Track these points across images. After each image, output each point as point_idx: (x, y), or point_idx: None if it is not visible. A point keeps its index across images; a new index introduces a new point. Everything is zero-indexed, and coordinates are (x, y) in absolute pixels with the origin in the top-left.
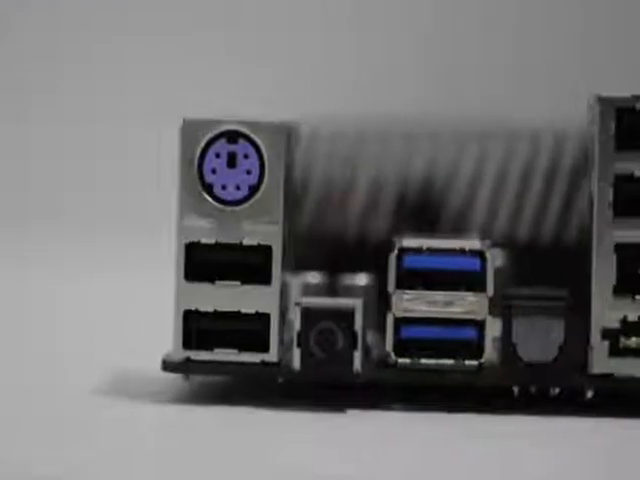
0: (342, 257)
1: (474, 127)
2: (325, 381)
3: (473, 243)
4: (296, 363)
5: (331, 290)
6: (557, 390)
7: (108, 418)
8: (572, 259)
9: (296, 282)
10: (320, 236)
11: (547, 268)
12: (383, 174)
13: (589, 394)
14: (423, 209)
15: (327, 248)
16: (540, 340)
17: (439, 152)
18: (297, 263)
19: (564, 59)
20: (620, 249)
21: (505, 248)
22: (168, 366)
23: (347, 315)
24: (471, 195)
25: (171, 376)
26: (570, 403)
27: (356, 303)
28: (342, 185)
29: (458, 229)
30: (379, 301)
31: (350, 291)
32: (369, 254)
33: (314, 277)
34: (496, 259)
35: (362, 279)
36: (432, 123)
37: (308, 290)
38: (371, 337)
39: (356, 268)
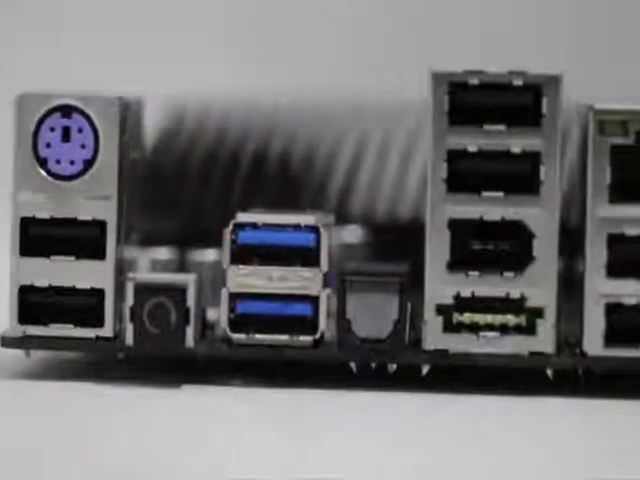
0: (195, 232)
1: (317, 102)
2: (158, 356)
3: (308, 219)
4: (129, 338)
5: (180, 266)
6: (394, 366)
7: None
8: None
9: (145, 258)
10: (173, 211)
11: (406, 244)
12: (243, 150)
13: (424, 370)
14: (281, 185)
15: (179, 223)
16: (374, 316)
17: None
18: (149, 238)
19: (402, 36)
20: (454, 225)
21: (363, 225)
22: (5, 342)
23: (180, 291)
24: (319, 170)
25: (10, 352)
26: (408, 379)
27: (189, 279)
28: (201, 160)
29: (316, 205)
30: None
31: (199, 267)
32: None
33: (163, 253)
34: (352, 235)
35: (211, 255)
36: (273, 97)
37: (156, 266)
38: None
39: (210, 243)
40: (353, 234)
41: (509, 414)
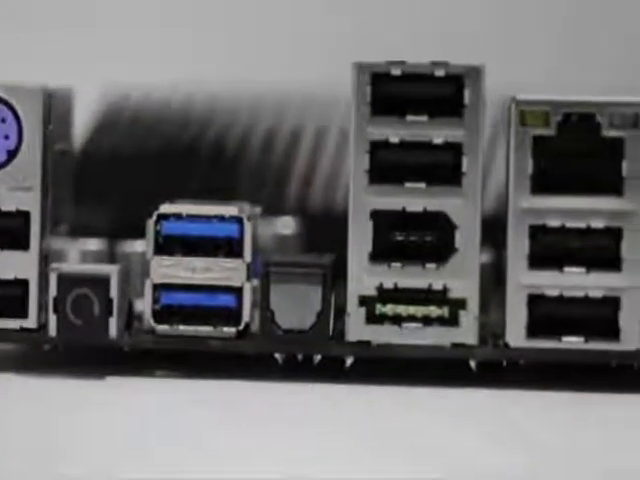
0: (126, 223)
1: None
2: (81, 347)
3: (231, 210)
4: (52, 329)
5: (110, 257)
6: (319, 357)
7: None
8: None
9: (74, 249)
10: (105, 202)
11: (339, 235)
12: (176, 141)
13: (349, 361)
14: (214, 177)
15: (110, 214)
16: (297, 307)
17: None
18: (80, 229)
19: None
20: (376, 216)
21: (297, 216)
22: None
23: (103, 282)
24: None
25: None
26: (332, 370)
27: (112, 270)
28: (133, 151)
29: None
30: None
31: (128, 258)
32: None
33: (93, 244)
34: (285, 227)
35: (140, 246)
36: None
37: (86, 257)
38: None
39: (141, 234)
40: (286, 225)
41: (433, 405)
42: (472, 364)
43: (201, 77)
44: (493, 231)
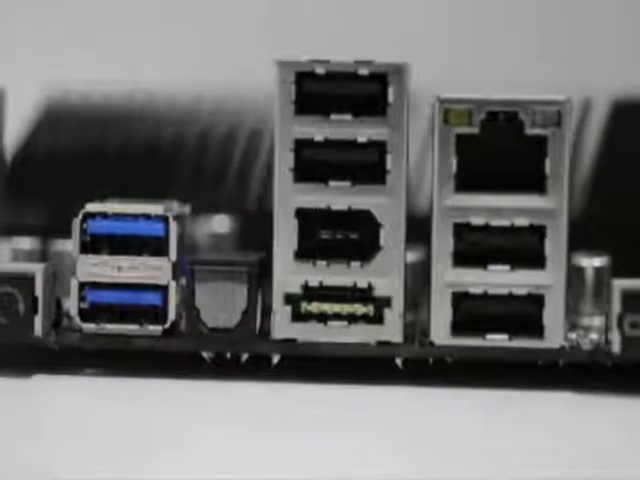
0: (59, 222)
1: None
2: (6, 346)
3: (157, 209)
4: None
5: (43, 255)
6: (245, 355)
7: None
8: None
9: (6, 247)
10: (38, 200)
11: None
12: (109, 140)
13: (275, 359)
14: (147, 176)
15: (43, 213)
16: (223, 306)
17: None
18: (13, 228)
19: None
20: (301, 214)
21: (233, 214)
22: None
23: (28, 280)
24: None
25: None
26: (259, 368)
27: (37, 268)
28: (67, 149)
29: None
30: None
31: (59, 256)
32: None
33: (25, 242)
34: (221, 225)
35: (71, 244)
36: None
37: (18, 255)
38: None
39: None
40: (221, 224)
41: (359, 403)
42: (398, 362)
43: (138, 77)
44: (425, 229)
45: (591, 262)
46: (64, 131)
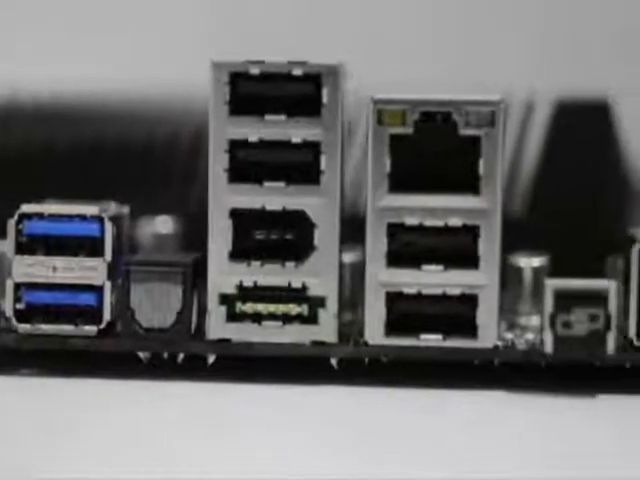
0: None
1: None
2: None
3: (92, 209)
4: None
5: None
6: (182, 356)
7: None
8: None
9: None
10: None
11: None
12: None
13: (210, 359)
14: (91, 176)
15: None
16: (158, 306)
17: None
18: None
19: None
20: (236, 215)
21: (176, 215)
22: None
23: None
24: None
25: None
26: (195, 368)
27: None
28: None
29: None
30: None
31: None
32: None
33: None
34: (164, 226)
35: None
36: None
37: None
38: None
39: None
40: (164, 224)
41: (294, 402)
42: (333, 362)
43: (86, 78)
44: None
45: (529, 262)
46: (11, 130)
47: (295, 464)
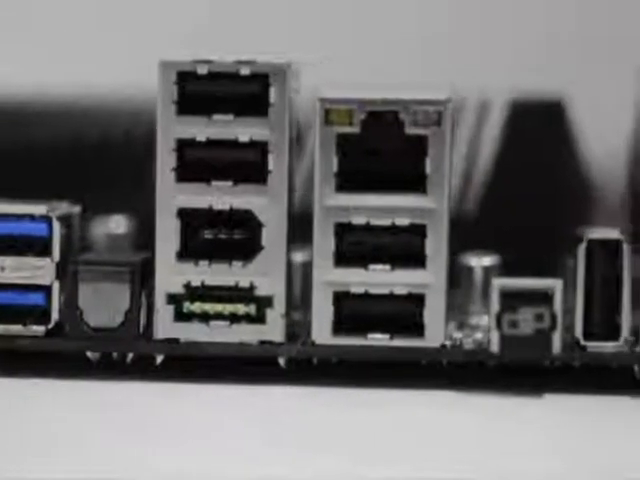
0: None
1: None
2: None
3: (40, 209)
4: None
5: None
6: (131, 355)
7: None
8: None
9: None
10: None
11: None
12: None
13: (159, 359)
14: (44, 176)
15: None
16: (106, 306)
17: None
18: None
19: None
20: (183, 214)
21: (130, 214)
22: None
23: None
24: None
25: None
26: (144, 368)
27: None
28: None
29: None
30: None
31: None
32: None
33: None
34: (118, 226)
35: None
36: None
37: None
38: None
39: None
40: (118, 224)
41: (243, 402)
42: (281, 362)
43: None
44: None
45: (480, 262)
46: None
47: (243, 463)
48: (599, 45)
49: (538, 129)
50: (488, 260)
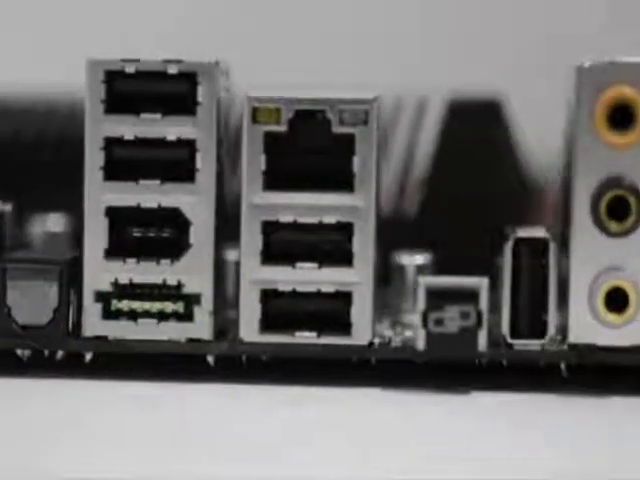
0: None
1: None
2: None
3: None
4: None
5: None
6: (60, 353)
7: None
8: None
9: None
10: None
11: None
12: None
13: (87, 357)
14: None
15: None
16: (34, 303)
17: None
18: None
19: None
20: (111, 212)
21: (68, 213)
22: None
23: None
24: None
25: None
26: (73, 366)
27: None
28: None
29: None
30: None
31: None
32: None
33: None
34: (55, 224)
35: None
36: None
37: None
38: None
39: None
40: (56, 223)
41: (172, 400)
42: (210, 359)
43: None
44: None
45: (412, 260)
46: None
47: (170, 463)
48: (535, 44)
49: (476, 128)
50: (420, 259)
